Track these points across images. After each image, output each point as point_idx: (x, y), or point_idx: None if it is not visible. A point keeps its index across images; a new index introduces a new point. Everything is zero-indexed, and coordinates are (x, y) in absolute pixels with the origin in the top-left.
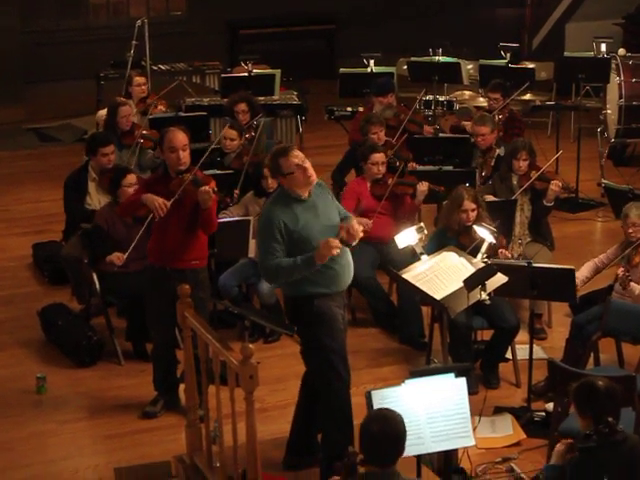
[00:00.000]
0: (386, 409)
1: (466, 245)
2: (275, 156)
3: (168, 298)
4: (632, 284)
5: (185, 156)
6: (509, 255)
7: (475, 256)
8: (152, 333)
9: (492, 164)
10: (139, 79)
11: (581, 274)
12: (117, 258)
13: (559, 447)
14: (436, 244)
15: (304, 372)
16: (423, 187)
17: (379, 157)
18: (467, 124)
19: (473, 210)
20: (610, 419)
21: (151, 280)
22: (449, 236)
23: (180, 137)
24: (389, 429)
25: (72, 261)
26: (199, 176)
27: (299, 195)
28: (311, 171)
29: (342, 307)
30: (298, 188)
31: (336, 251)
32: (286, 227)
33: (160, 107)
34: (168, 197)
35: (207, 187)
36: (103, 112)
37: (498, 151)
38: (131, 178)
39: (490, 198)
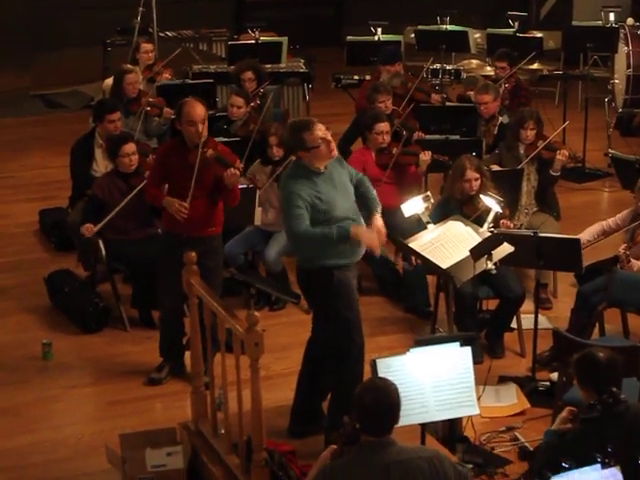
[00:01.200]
0: (379, 378)
1: (470, 215)
2: (297, 130)
3: (181, 265)
4: (632, 261)
5: (204, 129)
6: (511, 226)
7: (480, 225)
8: (161, 299)
9: (495, 132)
10: (146, 46)
11: (583, 237)
12: (86, 229)
13: (564, 414)
14: (440, 213)
15: (308, 341)
16: (426, 157)
17: (383, 126)
18: (472, 93)
19: (476, 179)
20: (614, 389)
21: (165, 246)
22: (453, 206)
23: (199, 110)
24: (382, 399)
25: (78, 228)
26: (222, 153)
27: (317, 168)
28: (334, 144)
29: (356, 277)
30: (319, 162)
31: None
32: (308, 200)
33: (165, 75)
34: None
35: (234, 170)
36: (110, 81)
37: (501, 119)
38: (129, 148)
39: (496, 167)
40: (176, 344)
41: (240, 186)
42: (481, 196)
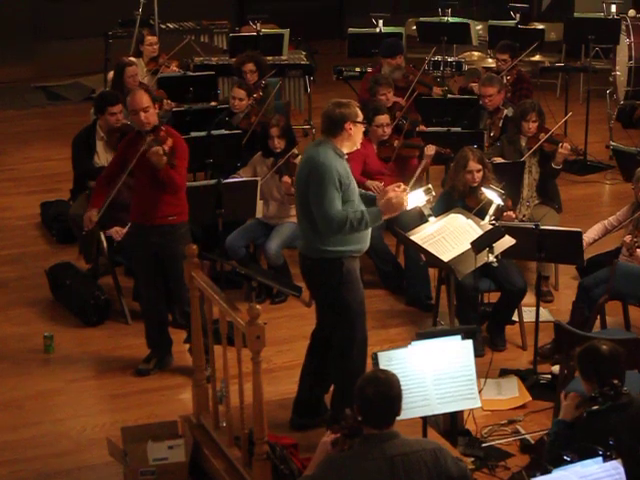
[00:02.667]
0: (381, 370)
1: (472, 207)
2: (352, 106)
3: (149, 254)
4: (638, 250)
5: (147, 117)
6: (514, 217)
7: (481, 218)
8: (140, 290)
9: (500, 125)
10: (151, 38)
11: (588, 236)
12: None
13: (568, 402)
14: (443, 206)
15: (312, 332)
16: (430, 151)
17: (383, 119)
18: (475, 85)
19: (478, 171)
20: (615, 381)
21: (132, 237)
22: (455, 198)
23: (138, 99)
24: (384, 391)
25: (79, 220)
26: (160, 136)
27: (343, 152)
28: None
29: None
30: (350, 145)
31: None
32: (341, 178)
33: (173, 67)
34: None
35: (157, 148)
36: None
37: (506, 112)
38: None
39: (498, 160)
40: (162, 334)
41: (240, 179)
42: (483, 189)
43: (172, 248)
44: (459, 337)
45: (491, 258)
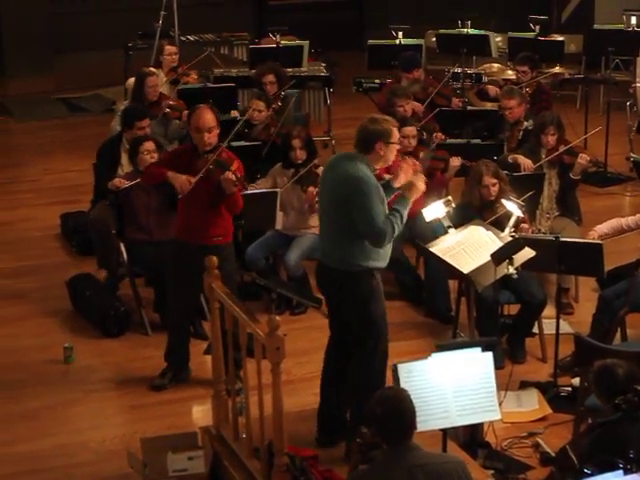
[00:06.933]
0: (389, 388)
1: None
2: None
3: (189, 272)
4: None
5: (210, 137)
6: (530, 230)
7: (498, 229)
8: (170, 304)
9: (519, 137)
10: (171, 48)
11: (600, 228)
12: (116, 181)
13: None
14: (457, 219)
15: (327, 349)
16: (456, 162)
17: (409, 130)
18: (491, 88)
19: (494, 185)
20: (629, 395)
21: (174, 253)
22: (471, 212)
23: (207, 118)
24: (392, 407)
25: (98, 225)
26: (223, 158)
27: (375, 169)
28: None
29: None
30: (383, 163)
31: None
32: (379, 190)
33: (192, 77)
34: (192, 174)
35: (229, 174)
36: (132, 80)
37: (526, 124)
38: (149, 145)
39: (524, 160)
40: (181, 349)
41: (260, 190)
42: (502, 200)
43: (220, 269)
44: (479, 349)
45: (511, 270)
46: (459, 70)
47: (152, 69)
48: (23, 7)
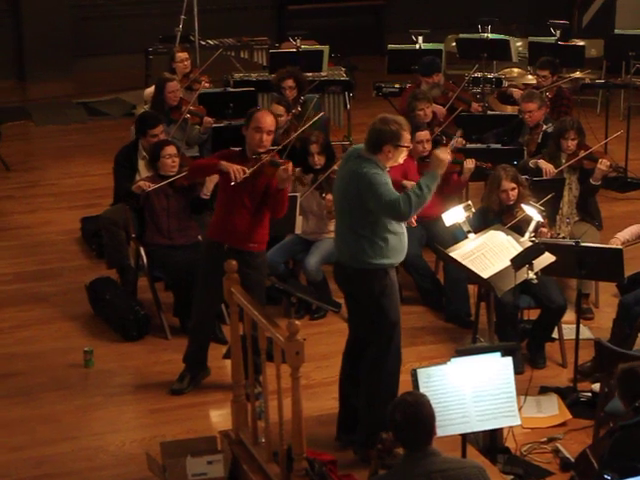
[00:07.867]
0: (409, 393)
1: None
2: (399, 124)
3: (217, 273)
4: None
5: (268, 140)
6: (549, 234)
7: (517, 234)
8: (196, 307)
9: (538, 141)
10: (181, 55)
11: (622, 235)
12: (142, 184)
13: None
14: (477, 224)
15: (345, 346)
16: (470, 164)
17: (423, 135)
18: (515, 91)
19: (513, 189)
20: None
21: (206, 254)
22: (490, 217)
23: (269, 120)
24: (412, 413)
25: (107, 224)
26: (278, 160)
27: (385, 167)
28: None
29: None
30: (392, 163)
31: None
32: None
33: (204, 83)
34: (250, 172)
35: (287, 166)
36: (151, 90)
37: (545, 127)
38: (170, 149)
39: (546, 165)
40: (202, 352)
41: None
42: (522, 205)
43: (250, 276)
44: (499, 354)
45: (531, 275)
46: (479, 75)
47: (171, 75)
48: (45, 12)
